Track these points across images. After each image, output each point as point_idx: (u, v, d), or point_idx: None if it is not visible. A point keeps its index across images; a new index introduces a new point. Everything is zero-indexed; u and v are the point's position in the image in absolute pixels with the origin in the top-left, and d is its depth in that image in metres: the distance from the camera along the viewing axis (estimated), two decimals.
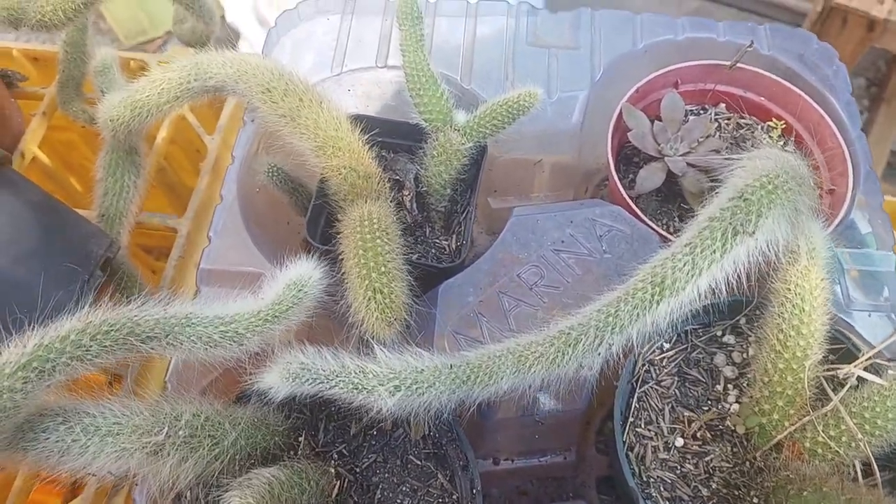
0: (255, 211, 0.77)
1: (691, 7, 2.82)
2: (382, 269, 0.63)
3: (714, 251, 0.55)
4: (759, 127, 0.86)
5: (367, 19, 0.86)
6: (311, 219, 0.73)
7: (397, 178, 0.79)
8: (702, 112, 0.87)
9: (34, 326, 0.64)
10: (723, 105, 0.88)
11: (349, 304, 0.64)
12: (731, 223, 0.54)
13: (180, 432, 0.57)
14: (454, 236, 0.78)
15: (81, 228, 0.79)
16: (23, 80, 1.07)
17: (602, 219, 0.73)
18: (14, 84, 1.07)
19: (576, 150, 0.86)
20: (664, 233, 0.73)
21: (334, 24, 0.85)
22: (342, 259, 0.68)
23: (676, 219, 0.81)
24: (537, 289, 0.69)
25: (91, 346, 0.56)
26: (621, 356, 0.61)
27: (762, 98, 0.85)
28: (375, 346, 0.60)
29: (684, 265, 0.58)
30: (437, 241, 0.78)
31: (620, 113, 0.81)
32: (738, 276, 0.56)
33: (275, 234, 0.83)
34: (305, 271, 0.64)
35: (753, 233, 0.55)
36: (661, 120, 0.82)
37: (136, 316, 0.58)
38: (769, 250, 0.55)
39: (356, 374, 0.58)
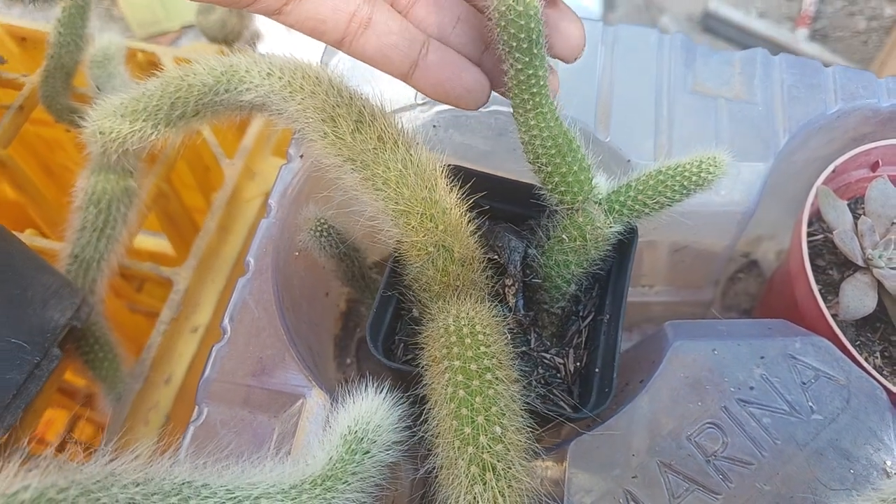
0: (292, 286, 0.53)
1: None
2: (497, 429, 0.39)
3: None
4: None
5: None
6: (376, 317, 0.49)
7: (496, 258, 0.55)
8: None
9: None
10: None
11: (436, 475, 0.40)
12: None
13: None
14: (571, 351, 0.54)
15: (41, 284, 0.55)
16: (1, 62, 0.84)
17: (804, 357, 0.49)
18: None
19: (733, 237, 0.63)
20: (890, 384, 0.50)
21: None
22: (423, 389, 0.44)
23: (879, 355, 0.57)
24: (718, 462, 0.45)
25: None
26: None
27: None
28: None
29: None
30: (546, 356, 0.54)
31: (814, 199, 0.58)
32: None
33: (311, 312, 0.59)
34: (371, 415, 0.40)
35: None
36: (862, 213, 0.59)
37: (97, 488, 0.34)
38: None
39: None
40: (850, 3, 2.82)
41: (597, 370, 0.50)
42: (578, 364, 0.54)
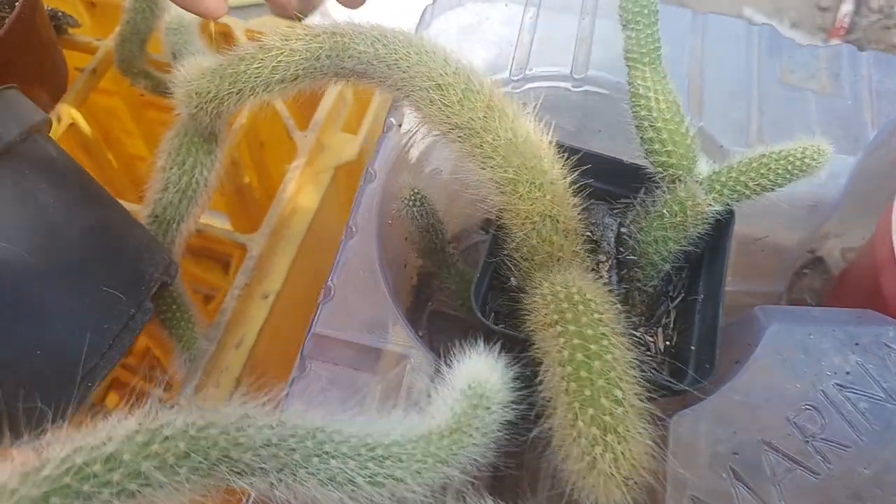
0: (387, 251, 0.54)
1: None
2: (618, 392, 0.40)
3: None
4: None
5: (557, 15, 0.63)
6: (479, 282, 0.50)
7: (590, 234, 0.56)
8: None
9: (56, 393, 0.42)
10: None
11: (550, 437, 0.41)
12: None
13: None
14: (660, 330, 0.55)
15: (134, 238, 0.55)
16: (75, 26, 0.85)
17: None
18: (64, 30, 0.84)
19: (813, 229, 0.63)
20: None
21: (515, 13, 0.63)
22: (529, 353, 0.45)
23: None
24: (817, 443, 0.45)
25: (155, 477, 0.32)
26: None
27: None
28: None
29: None
30: (636, 333, 0.54)
31: None
32: None
33: (395, 280, 0.60)
34: (489, 374, 0.41)
35: None
36: None
37: (234, 428, 0.34)
38: None
39: None
40: (886, 17, 2.80)
41: (692, 348, 0.50)
42: (668, 343, 0.54)
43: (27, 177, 0.50)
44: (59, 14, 0.84)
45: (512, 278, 0.51)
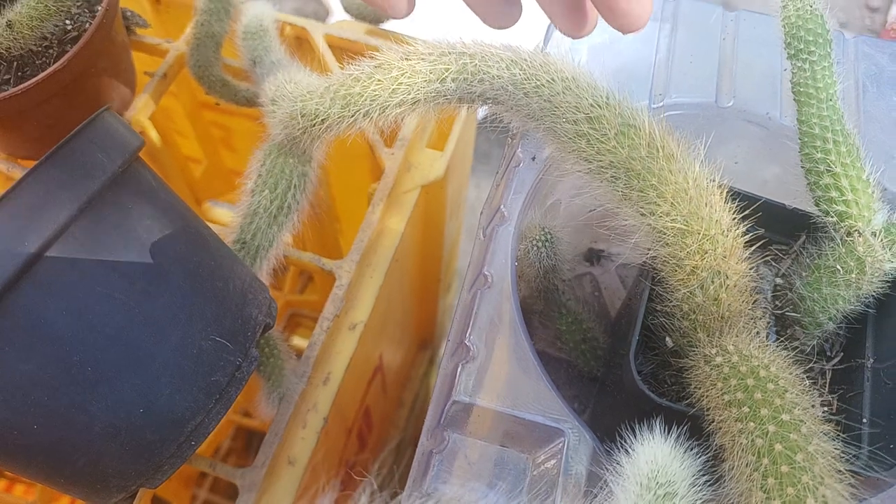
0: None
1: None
2: (825, 491, 0.35)
3: None
4: None
5: (696, 35, 0.57)
6: (637, 346, 0.44)
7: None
8: None
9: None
10: None
11: None
12: None
13: None
14: (815, 394, 0.49)
15: (237, 277, 0.50)
16: (144, 26, 0.79)
17: None
18: (132, 31, 0.79)
19: None
20: None
21: (650, 29, 0.57)
22: (704, 433, 0.40)
23: None
24: None
25: None
26: None
27: None
28: None
29: None
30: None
31: None
32: None
33: None
34: (676, 464, 0.36)
35: None
36: None
37: None
38: None
39: None
40: None
41: (864, 420, 0.45)
42: (826, 409, 0.49)
43: (130, 213, 0.45)
44: (128, 13, 0.78)
45: (667, 338, 0.46)
